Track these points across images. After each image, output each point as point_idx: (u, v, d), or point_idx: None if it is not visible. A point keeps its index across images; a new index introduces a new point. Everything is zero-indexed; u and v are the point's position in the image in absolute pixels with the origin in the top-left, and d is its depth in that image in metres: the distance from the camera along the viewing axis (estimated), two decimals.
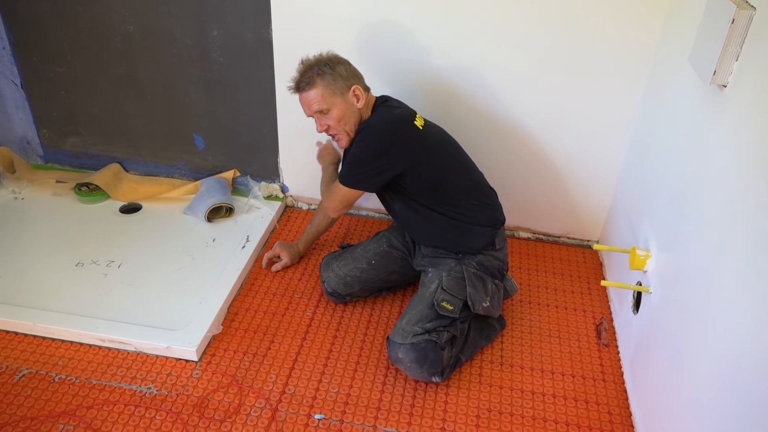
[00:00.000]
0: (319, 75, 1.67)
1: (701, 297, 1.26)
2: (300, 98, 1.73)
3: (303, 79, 1.69)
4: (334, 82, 1.68)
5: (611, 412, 1.63)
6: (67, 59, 2.27)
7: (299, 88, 1.71)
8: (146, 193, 2.40)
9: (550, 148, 2.11)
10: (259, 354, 1.76)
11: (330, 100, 1.68)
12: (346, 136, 1.74)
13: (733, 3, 1.21)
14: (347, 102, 1.70)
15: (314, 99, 1.68)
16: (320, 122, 1.73)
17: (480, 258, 1.77)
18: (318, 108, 1.69)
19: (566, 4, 1.84)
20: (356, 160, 1.72)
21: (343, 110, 1.70)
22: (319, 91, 1.67)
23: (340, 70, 1.69)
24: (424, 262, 1.84)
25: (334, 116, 1.70)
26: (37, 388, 1.61)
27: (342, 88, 1.69)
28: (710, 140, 1.33)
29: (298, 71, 1.72)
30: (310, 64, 1.71)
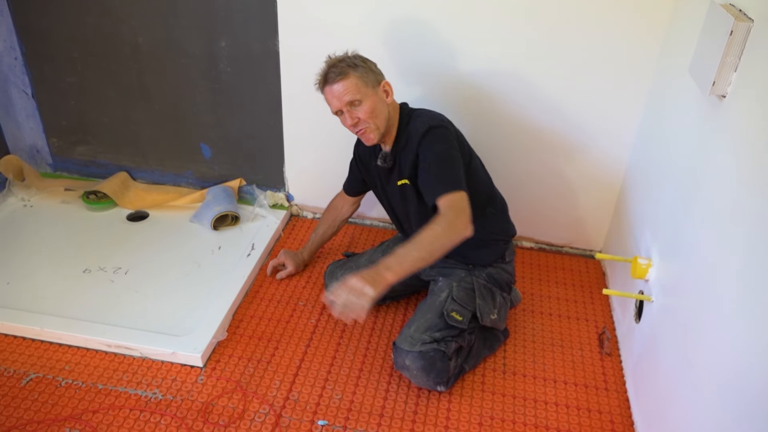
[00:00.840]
0: (351, 66, 1.62)
1: (702, 306, 1.27)
2: (329, 91, 1.64)
3: (334, 71, 1.62)
4: (366, 74, 1.63)
5: (613, 420, 1.64)
6: (78, 69, 2.31)
7: (329, 80, 1.63)
8: (153, 201, 2.43)
9: (553, 159, 2.13)
10: (264, 360, 1.77)
11: (363, 90, 1.62)
12: (376, 130, 1.66)
13: (731, 15, 1.23)
14: (378, 95, 1.65)
15: (348, 89, 1.61)
16: (351, 114, 1.64)
17: (490, 270, 1.78)
18: (351, 98, 1.61)
19: (567, 15, 1.86)
20: (444, 158, 1.60)
21: (375, 102, 1.64)
22: (353, 81, 1.61)
23: (370, 65, 1.67)
24: (433, 272, 1.85)
25: (366, 108, 1.63)
26: (44, 393, 1.63)
27: (373, 81, 1.65)
28: (710, 150, 1.34)
29: (326, 65, 1.65)
30: (339, 57, 1.66)
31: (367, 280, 1.37)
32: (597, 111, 2.01)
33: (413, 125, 1.68)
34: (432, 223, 1.47)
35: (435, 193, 1.54)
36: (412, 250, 1.43)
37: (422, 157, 1.62)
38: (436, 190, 1.54)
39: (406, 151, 1.69)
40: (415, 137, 1.64)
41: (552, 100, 2.02)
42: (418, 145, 1.63)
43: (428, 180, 1.58)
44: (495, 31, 1.93)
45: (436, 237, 1.44)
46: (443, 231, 1.45)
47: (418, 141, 1.62)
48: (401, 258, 1.42)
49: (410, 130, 1.68)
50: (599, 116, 2.02)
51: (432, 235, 1.44)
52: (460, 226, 1.47)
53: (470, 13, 1.91)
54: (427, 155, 1.60)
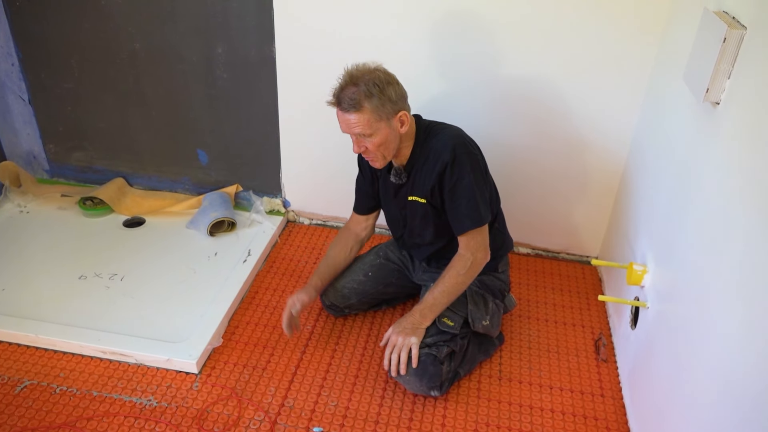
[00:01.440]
0: (367, 97, 1.50)
1: (697, 311, 1.27)
2: (340, 115, 1.56)
3: (348, 99, 1.51)
4: (382, 106, 1.52)
5: (609, 427, 1.64)
6: (75, 75, 2.31)
7: (341, 106, 1.54)
8: (150, 208, 2.43)
9: (549, 165, 2.14)
10: (259, 367, 1.77)
11: (375, 125, 1.53)
12: (383, 159, 1.62)
13: (724, 23, 1.24)
14: (391, 127, 1.57)
15: (359, 122, 1.53)
16: (359, 144, 1.58)
17: (482, 277, 1.78)
18: (361, 132, 1.54)
19: (562, 21, 1.87)
20: (471, 191, 1.59)
21: (386, 136, 1.56)
22: (365, 117, 1.52)
23: (389, 93, 1.53)
24: (425, 276, 1.86)
25: (375, 141, 1.56)
26: (39, 400, 1.62)
27: (389, 113, 1.55)
28: (704, 157, 1.35)
29: (342, 84, 1.54)
30: (356, 79, 1.52)
31: (409, 332, 1.62)
32: (592, 118, 2.01)
33: (434, 144, 1.63)
34: (456, 268, 1.65)
35: (462, 228, 1.64)
36: (441, 298, 1.64)
37: (450, 188, 1.61)
38: (463, 225, 1.63)
39: (424, 169, 1.64)
40: (437, 160, 1.60)
41: (547, 107, 2.02)
42: (443, 173, 1.60)
43: (455, 215, 1.64)
44: (489, 40, 1.93)
45: (462, 282, 1.65)
46: (467, 276, 1.65)
47: (443, 168, 1.59)
48: (434, 306, 1.65)
49: (430, 148, 1.63)
50: (595, 123, 2.02)
51: (457, 281, 1.64)
52: (481, 264, 1.66)
53: (462, 24, 1.92)
54: (456, 188, 1.60)
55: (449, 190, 1.61)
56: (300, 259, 2.25)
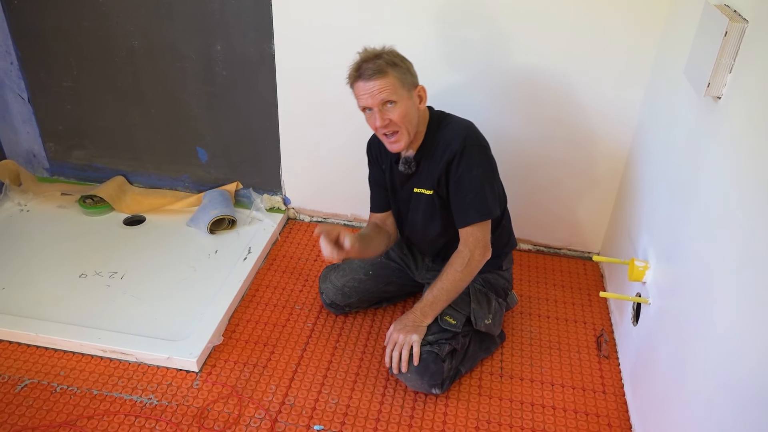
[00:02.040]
0: (390, 64, 1.51)
1: (698, 307, 1.26)
2: (362, 86, 1.52)
3: (371, 66, 1.50)
4: (404, 75, 1.54)
5: (611, 424, 1.63)
6: (74, 74, 2.31)
7: (364, 75, 1.51)
8: (150, 206, 2.42)
9: (550, 161, 2.13)
10: (260, 365, 1.76)
11: (399, 92, 1.52)
12: (406, 136, 1.57)
13: (725, 16, 1.22)
14: (412, 100, 1.57)
15: (385, 87, 1.50)
16: (383, 115, 1.53)
17: (486, 275, 1.78)
18: (387, 98, 1.51)
19: (563, 16, 1.86)
20: (479, 184, 1.59)
21: (409, 107, 1.55)
22: (391, 80, 1.51)
23: (408, 65, 1.57)
24: (429, 275, 1.85)
25: (400, 111, 1.53)
26: (39, 399, 1.62)
27: (410, 84, 1.56)
28: (706, 152, 1.34)
29: (361, 58, 1.54)
30: (377, 52, 1.54)
31: (410, 330, 1.62)
32: (594, 113, 2.00)
33: (444, 134, 1.62)
34: (454, 265, 1.64)
35: (465, 220, 1.63)
36: (441, 296, 1.65)
37: (456, 178, 1.60)
38: (467, 217, 1.62)
39: (432, 160, 1.63)
40: (445, 149, 1.59)
41: (549, 102, 2.01)
42: (450, 162, 1.59)
43: (460, 206, 1.63)
44: (487, 35, 1.92)
45: (460, 280, 1.64)
46: (464, 273, 1.64)
47: (451, 157, 1.58)
48: (434, 304, 1.65)
49: (440, 138, 1.62)
50: (596, 118, 2.01)
51: (455, 278, 1.64)
52: (479, 262, 1.64)
53: (460, 16, 1.91)
54: (463, 179, 1.59)
55: (456, 180, 1.60)
56: (300, 256, 2.25)
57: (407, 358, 1.60)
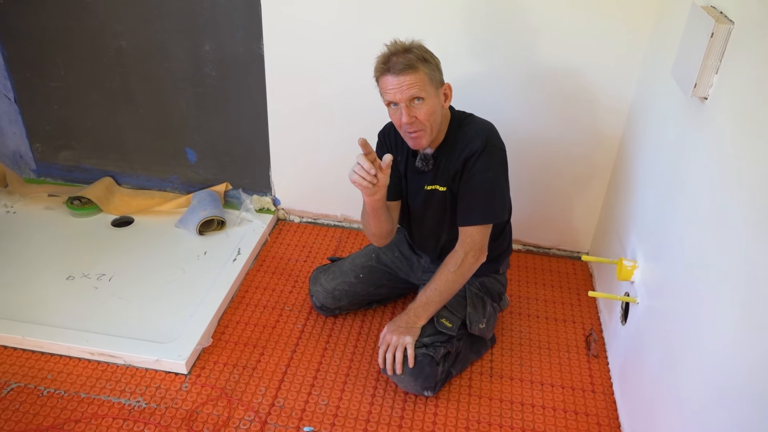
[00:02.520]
0: (420, 60, 1.47)
1: (686, 307, 1.27)
2: (390, 80, 1.47)
3: (401, 60, 1.45)
4: (433, 72, 1.50)
5: (600, 423, 1.64)
6: (61, 74, 2.29)
7: (393, 69, 1.46)
8: (138, 207, 2.41)
9: (539, 161, 2.13)
10: (249, 367, 1.75)
11: (428, 89, 1.48)
12: (429, 134, 1.54)
13: (712, 17, 1.23)
14: (438, 98, 1.53)
15: (415, 83, 1.46)
16: (409, 112, 1.49)
17: (483, 279, 1.77)
18: (416, 94, 1.46)
19: (551, 16, 1.86)
20: (492, 186, 1.58)
21: (435, 105, 1.51)
22: (421, 76, 1.46)
23: (437, 62, 1.52)
24: (426, 276, 1.84)
25: (427, 109, 1.49)
26: (26, 402, 1.61)
27: (438, 81, 1.52)
28: (693, 152, 1.34)
29: (390, 51, 1.48)
30: (407, 46, 1.49)
31: (404, 332, 1.62)
32: (582, 113, 2.01)
33: (466, 132, 1.59)
34: (447, 266, 1.63)
35: (468, 219, 1.61)
36: (435, 297, 1.64)
37: (469, 176, 1.57)
38: (471, 217, 1.60)
39: (451, 157, 1.60)
40: (465, 146, 1.57)
41: (538, 102, 2.01)
42: (468, 159, 1.56)
43: (466, 204, 1.61)
44: (475, 34, 1.93)
45: (453, 281, 1.63)
46: (457, 274, 1.63)
47: (470, 155, 1.56)
48: (427, 305, 1.64)
49: (461, 136, 1.59)
50: (585, 118, 2.02)
51: (448, 278, 1.63)
52: (471, 265, 1.62)
53: (441, 18, 1.91)
54: (476, 178, 1.57)
55: (469, 177, 1.58)
56: (290, 257, 2.24)
57: (401, 360, 1.60)
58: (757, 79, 1.08)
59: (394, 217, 1.74)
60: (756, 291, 0.98)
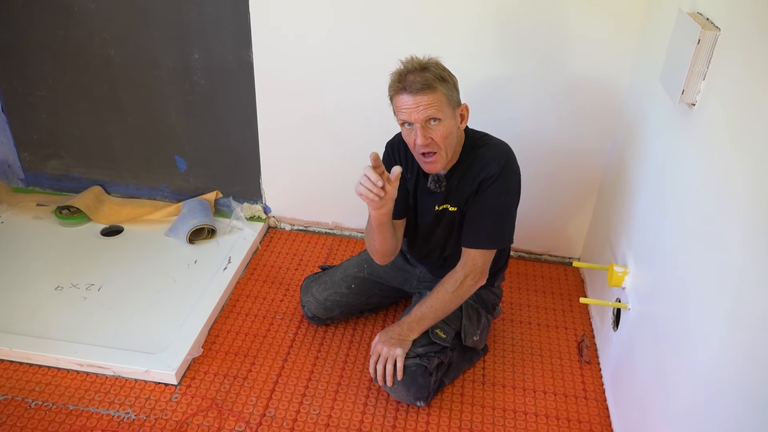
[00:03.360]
0: (438, 80, 1.41)
1: (677, 312, 1.27)
2: (406, 99, 1.41)
3: (418, 79, 1.39)
4: (450, 92, 1.44)
5: (593, 430, 1.63)
6: (49, 82, 2.27)
7: (410, 88, 1.40)
8: (128, 216, 2.39)
9: (531, 167, 2.12)
10: (240, 376, 1.74)
11: (445, 110, 1.43)
12: (444, 158, 1.49)
13: (698, 24, 1.24)
14: (455, 119, 1.47)
15: (432, 103, 1.40)
16: (425, 133, 1.43)
17: (480, 291, 1.75)
18: (433, 114, 1.41)
19: (540, 22, 1.87)
20: (504, 211, 1.55)
21: (451, 126, 1.45)
22: (439, 97, 1.41)
23: (455, 81, 1.47)
24: (421, 286, 1.83)
25: (444, 131, 1.44)
26: (13, 415, 1.58)
27: (455, 102, 1.47)
28: (682, 158, 1.35)
29: (406, 67, 1.43)
30: (424, 64, 1.43)
31: (395, 344, 1.60)
32: (572, 119, 2.01)
33: (483, 153, 1.55)
34: (445, 285, 1.61)
35: (474, 242, 1.58)
36: (429, 314, 1.62)
37: (481, 198, 1.54)
38: (478, 241, 1.57)
39: (465, 178, 1.56)
40: (482, 169, 1.53)
41: (527, 109, 2.02)
42: (484, 182, 1.53)
43: (475, 227, 1.57)
44: (465, 42, 1.93)
45: (449, 301, 1.61)
46: (454, 295, 1.60)
47: (486, 177, 1.52)
48: (421, 321, 1.62)
49: (478, 156, 1.55)
50: (575, 124, 2.02)
51: (445, 298, 1.61)
52: (469, 288, 1.61)
53: (433, 24, 1.91)
54: (488, 201, 1.54)
55: (481, 200, 1.54)
56: (281, 265, 2.23)
57: (392, 372, 1.59)
58: (743, 85, 1.08)
59: (399, 235, 1.69)
60: (745, 296, 0.98)
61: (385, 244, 1.62)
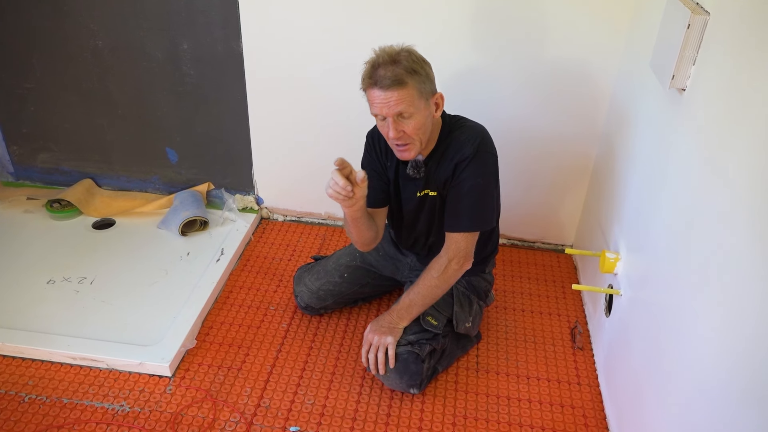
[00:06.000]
0: (409, 73, 1.39)
1: (668, 297, 1.27)
2: (377, 95, 1.41)
3: (388, 74, 1.38)
4: (423, 84, 1.42)
5: (586, 415, 1.64)
6: (36, 75, 2.25)
7: (380, 83, 1.39)
8: (119, 208, 2.38)
9: (522, 155, 2.13)
10: (234, 367, 1.74)
11: (417, 103, 1.42)
12: (418, 146, 1.50)
13: (688, 8, 1.23)
14: (428, 109, 1.47)
15: (402, 100, 1.40)
16: (396, 127, 1.43)
17: (470, 278, 1.76)
18: (404, 110, 1.41)
19: (529, 12, 1.86)
20: (481, 192, 1.55)
21: (425, 117, 1.46)
22: (409, 93, 1.40)
23: (428, 70, 1.45)
24: (412, 275, 1.83)
25: (416, 123, 1.44)
26: (6, 409, 1.58)
27: (428, 93, 1.45)
28: (672, 144, 1.35)
29: (377, 60, 1.41)
30: (395, 56, 1.41)
31: (385, 332, 1.61)
32: (564, 106, 2.01)
33: (458, 136, 1.55)
34: (431, 271, 1.61)
35: (455, 226, 1.58)
36: (417, 300, 1.62)
37: (458, 181, 1.54)
38: (459, 224, 1.57)
39: (442, 162, 1.57)
40: (457, 151, 1.53)
41: (519, 97, 2.01)
42: (459, 164, 1.53)
43: (455, 211, 1.57)
44: (454, 31, 1.92)
45: (436, 286, 1.61)
46: (440, 280, 1.60)
47: (461, 159, 1.52)
48: (410, 308, 1.63)
49: (453, 140, 1.55)
50: (565, 110, 2.02)
51: (431, 284, 1.61)
52: (455, 272, 1.60)
53: (418, 16, 1.90)
54: (465, 184, 1.53)
55: (458, 183, 1.54)
56: (275, 256, 2.22)
57: (383, 360, 1.59)
58: (733, 69, 1.08)
59: (379, 223, 1.69)
60: (737, 280, 0.99)
61: (362, 235, 1.64)
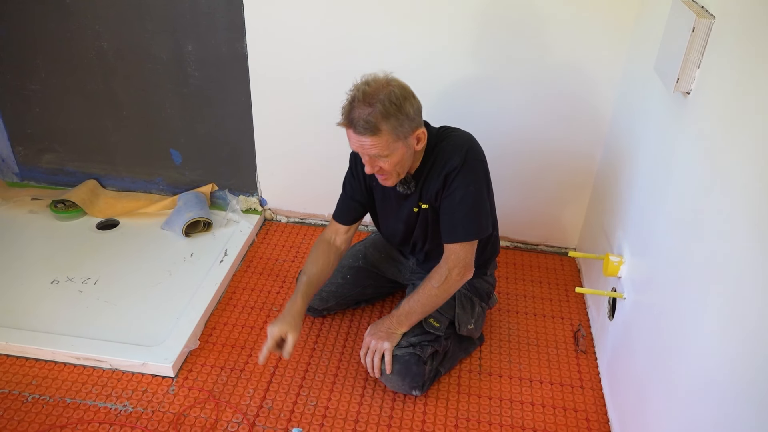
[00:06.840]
0: (384, 118, 1.37)
1: (672, 301, 1.27)
2: (351, 136, 1.43)
3: (362, 121, 1.37)
4: (400, 126, 1.40)
5: (589, 418, 1.64)
6: (42, 76, 2.26)
7: (355, 127, 1.39)
8: (123, 209, 2.39)
9: (526, 158, 2.13)
10: (237, 369, 1.74)
11: (392, 146, 1.41)
12: (397, 177, 1.52)
13: (693, 12, 1.23)
14: (407, 146, 1.45)
15: (375, 145, 1.40)
16: (372, 164, 1.46)
17: (472, 280, 1.75)
18: (378, 154, 1.42)
19: (533, 13, 1.86)
20: (474, 201, 1.53)
21: (402, 155, 1.45)
22: (383, 139, 1.39)
23: (407, 110, 1.41)
24: (414, 277, 1.83)
25: (392, 161, 1.45)
26: (10, 409, 1.59)
27: (407, 132, 1.43)
28: (677, 147, 1.35)
29: (353, 103, 1.40)
30: (370, 98, 1.38)
31: (383, 337, 1.60)
32: (568, 110, 2.01)
33: (443, 148, 1.54)
34: (431, 281, 1.59)
35: (452, 237, 1.57)
36: (417, 308, 1.61)
37: (450, 191, 1.53)
38: (454, 234, 1.56)
39: (431, 175, 1.56)
40: (446, 162, 1.52)
41: (522, 101, 2.01)
42: (449, 175, 1.52)
43: (450, 222, 1.56)
44: (461, 35, 1.92)
45: (436, 296, 1.59)
46: (440, 290, 1.59)
47: (450, 170, 1.51)
48: (409, 315, 1.61)
49: (438, 153, 1.55)
50: (570, 115, 2.02)
51: (431, 293, 1.59)
52: (456, 282, 1.59)
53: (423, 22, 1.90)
54: (456, 194, 1.53)
55: (450, 193, 1.54)
56: (278, 257, 2.23)
57: (379, 365, 1.60)
58: (738, 73, 1.08)
59: (343, 241, 1.74)
60: (741, 284, 0.98)
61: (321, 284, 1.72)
